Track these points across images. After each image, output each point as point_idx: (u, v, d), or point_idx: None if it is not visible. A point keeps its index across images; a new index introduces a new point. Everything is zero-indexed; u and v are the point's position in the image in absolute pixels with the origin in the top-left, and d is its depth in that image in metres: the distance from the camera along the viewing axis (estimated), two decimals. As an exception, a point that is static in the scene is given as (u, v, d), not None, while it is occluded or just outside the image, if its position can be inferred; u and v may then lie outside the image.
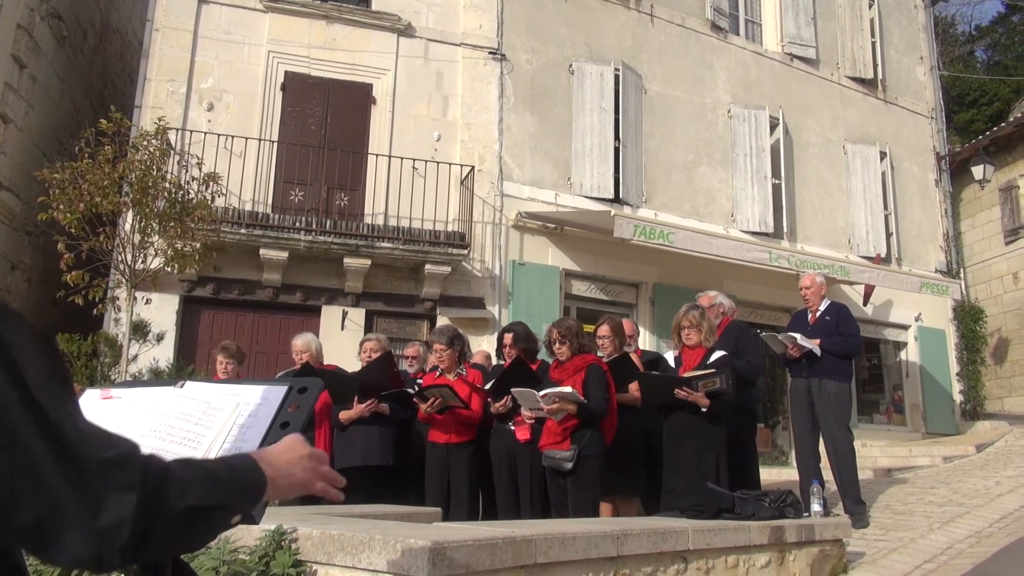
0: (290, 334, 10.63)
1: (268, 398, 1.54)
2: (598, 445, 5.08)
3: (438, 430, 5.77)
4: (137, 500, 0.91)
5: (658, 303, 12.25)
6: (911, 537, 6.08)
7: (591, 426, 5.06)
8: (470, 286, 11.31)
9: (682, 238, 10.65)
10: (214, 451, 1.45)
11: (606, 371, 5.25)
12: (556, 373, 5.30)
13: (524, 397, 5.16)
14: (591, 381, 5.11)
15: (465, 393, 5.75)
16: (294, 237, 9.99)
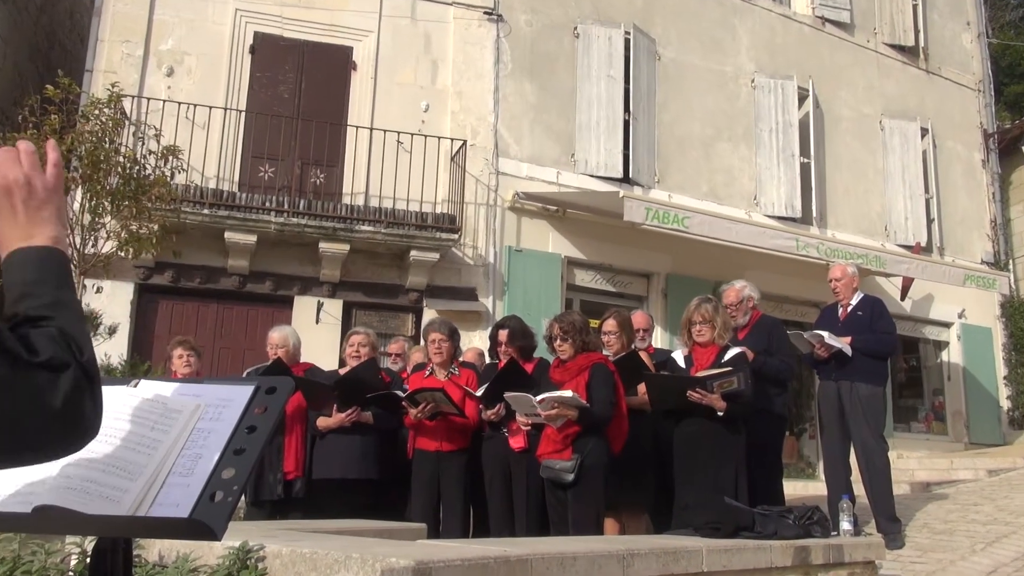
0: (258, 327, 10.72)
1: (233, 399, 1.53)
2: (603, 454, 5.09)
3: (427, 436, 5.78)
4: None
5: (671, 295, 12.26)
6: (951, 559, 6.11)
7: (595, 433, 5.07)
8: (461, 275, 11.31)
9: (699, 223, 10.65)
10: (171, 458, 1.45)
11: (613, 371, 5.25)
12: (557, 374, 5.31)
13: (519, 403, 5.17)
14: (596, 383, 5.12)
15: (458, 397, 5.76)
16: (263, 219, 9.98)
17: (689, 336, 5.68)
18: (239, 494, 1.41)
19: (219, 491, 1.40)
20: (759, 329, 6.41)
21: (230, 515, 1.38)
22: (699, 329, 5.59)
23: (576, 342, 5.24)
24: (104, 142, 7.85)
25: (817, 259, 11.55)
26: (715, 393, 5.25)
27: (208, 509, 1.38)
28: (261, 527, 4.15)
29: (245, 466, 1.43)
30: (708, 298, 5.78)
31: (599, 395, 5.08)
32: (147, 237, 8.05)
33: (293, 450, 5.88)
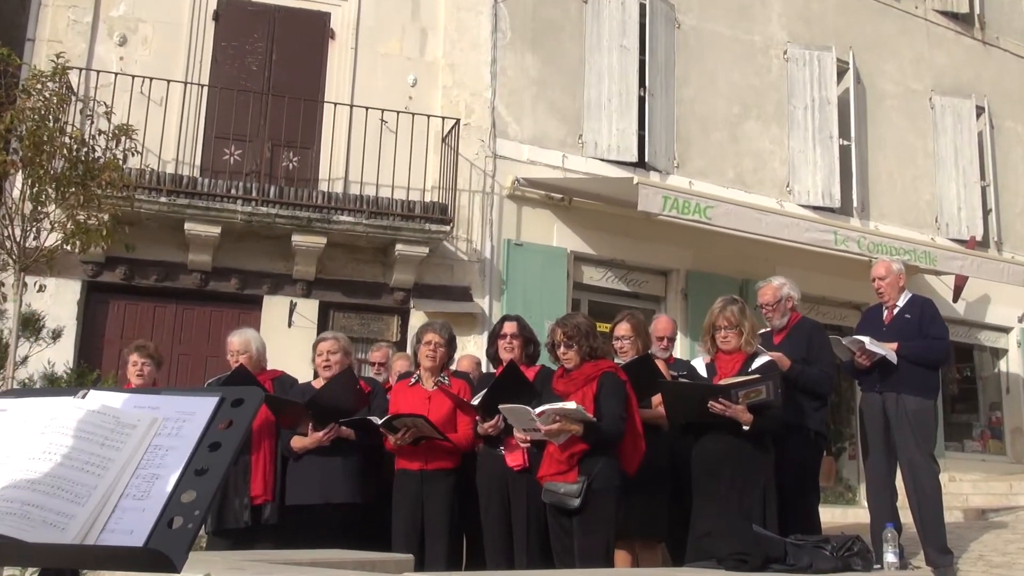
0: (222, 331, 10.59)
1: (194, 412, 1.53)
2: (613, 476, 5.08)
3: (409, 455, 5.78)
4: None
5: (692, 296, 12.28)
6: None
7: (604, 452, 5.07)
8: (453, 272, 11.31)
9: (724, 213, 10.66)
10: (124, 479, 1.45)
11: (625, 382, 5.25)
12: (561, 384, 5.30)
13: (515, 415, 5.16)
14: (605, 394, 5.11)
15: (447, 408, 5.76)
16: (228, 208, 9.98)
17: (712, 343, 5.68)
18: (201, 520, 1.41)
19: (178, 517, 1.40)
20: (798, 333, 6.40)
21: (191, 544, 1.37)
22: (724, 335, 5.58)
23: (583, 348, 5.22)
24: (48, 120, 7.83)
25: (858, 255, 11.56)
26: (740, 404, 5.24)
27: (166, 537, 1.38)
28: (227, 558, 4.16)
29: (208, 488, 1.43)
30: (734, 299, 5.77)
31: (609, 408, 5.07)
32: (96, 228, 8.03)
33: (261, 470, 5.87)
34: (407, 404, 5.80)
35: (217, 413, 1.51)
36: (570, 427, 4.96)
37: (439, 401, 5.79)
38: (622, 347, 6.08)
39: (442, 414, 5.76)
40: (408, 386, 5.99)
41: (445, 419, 5.77)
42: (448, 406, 5.79)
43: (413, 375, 6.06)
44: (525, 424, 5.15)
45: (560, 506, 5.08)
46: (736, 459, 5.37)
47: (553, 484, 5.10)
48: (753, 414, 5.27)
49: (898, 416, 6.69)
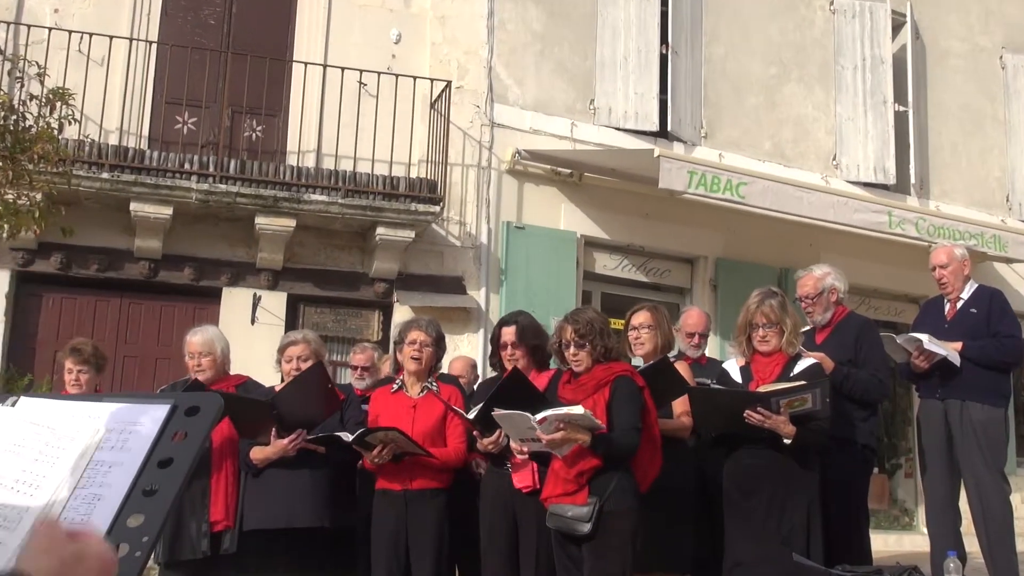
0: (175, 328, 10.62)
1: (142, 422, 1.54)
2: (629, 496, 5.07)
3: (391, 473, 5.78)
4: None
5: (723, 288, 12.29)
6: (1091, 635, 6.11)
7: (618, 468, 5.07)
8: (443, 260, 11.32)
9: (760, 191, 10.65)
10: (61, 500, 1.45)
11: (642, 388, 5.25)
12: (568, 391, 5.29)
13: (511, 423, 5.15)
14: (618, 401, 5.10)
15: (436, 416, 5.76)
16: (181, 185, 9.98)
17: (748, 343, 5.67)
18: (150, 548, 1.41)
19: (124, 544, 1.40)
20: (844, 330, 6.39)
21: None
22: (762, 335, 5.58)
23: (595, 348, 5.21)
24: (-30, 83, 7.83)
25: (916, 239, 11.56)
26: (781, 414, 5.25)
27: (110, 567, 1.38)
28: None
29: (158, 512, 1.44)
30: (773, 291, 5.76)
31: (622, 417, 5.05)
32: (28, 210, 8.03)
33: (222, 493, 5.86)
34: (389, 414, 5.80)
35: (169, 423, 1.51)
36: (576, 436, 4.94)
37: (426, 410, 5.80)
38: (639, 338, 6.08)
39: (429, 425, 5.77)
40: (390, 393, 5.99)
41: (433, 431, 5.77)
42: (437, 416, 5.80)
43: (395, 380, 6.06)
44: (523, 433, 5.13)
45: (567, 532, 5.07)
46: (776, 477, 5.37)
47: (559, 506, 5.08)
48: (795, 426, 5.26)
49: (962, 427, 6.69)
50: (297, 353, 6.05)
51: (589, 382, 5.22)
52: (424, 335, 5.93)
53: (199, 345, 6.20)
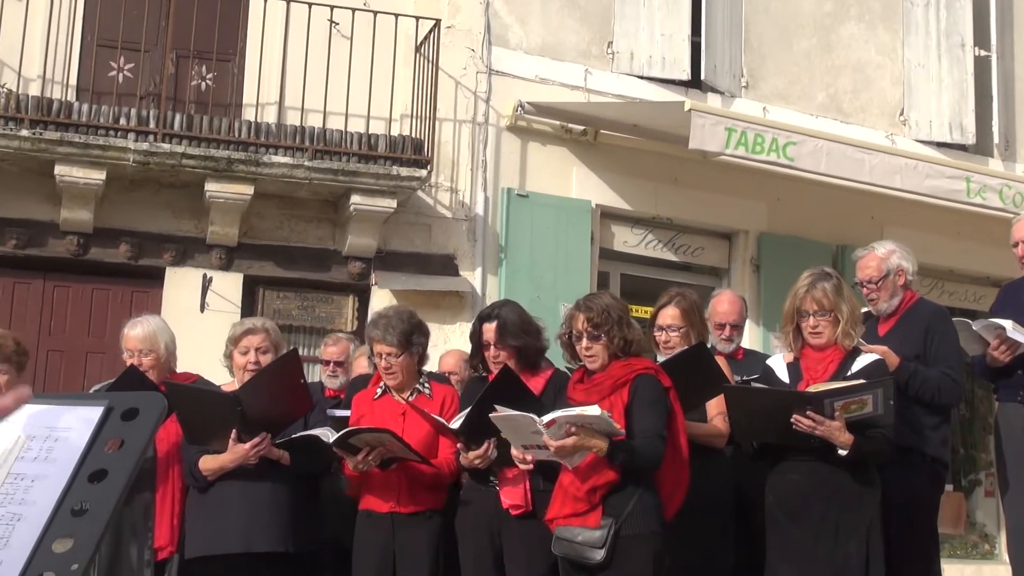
0: (109, 316, 10.58)
1: (71, 428, 1.54)
2: (651, 517, 5.08)
3: (377, 489, 5.80)
4: None
5: (767, 268, 12.30)
6: None
7: (639, 483, 5.08)
8: (431, 235, 11.32)
9: (811, 152, 10.61)
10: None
11: (668, 389, 5.25)
12: (580, 392, 5.28)
13: (512, 426, 5.13)
14: (640, 404, 5.10)
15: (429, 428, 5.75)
16: (116, 144, 9.95)
17: (797, 334, 5.66)
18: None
19: (49, 573, 1.41)
20: (913, 320, 6.35)
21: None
22: (813, 324, 5.56)
23: (613, 341, 5.21)
24: None
25: (999, 210, 11.53)
26: (835, 419, 5.24)
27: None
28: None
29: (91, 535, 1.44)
30: (826, 273, 5.74)
31: (645, 422, 5.06)
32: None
33: (168, 512, 5.87)
34: (376, 424, 5.78)
35: (102, 429, 1.51)
36: (590, 442, 4.93)
37: (418, 418, 5.78)
38: (668, 341, 6.05)
39: (424, 434, 5.76)
40: (373, 399, 6.00)
41: (428, 441, 5.78)
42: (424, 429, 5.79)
43: (379, 384, 6.05)
44: (526, 439, 5.13)
45: (577, 560, 5.09)
46: (829, 495, 5.36)
47: (567, 529, 5.10)
48: (853, 433, 5.26)
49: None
50: (256, 344, 6.01)
51: (605, 381, 5.22)
52: (385, 346, 5.84)
53: (139, 341, 6.17)
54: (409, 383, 5.94)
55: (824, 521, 5.36)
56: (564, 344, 5.45)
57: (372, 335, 5.96)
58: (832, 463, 5.35)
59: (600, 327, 5.22)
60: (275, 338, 6.14)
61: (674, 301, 6.15)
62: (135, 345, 6.16)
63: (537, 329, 5.93)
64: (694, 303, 6.19)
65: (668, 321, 6.10)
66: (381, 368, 5.90)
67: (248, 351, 6.00)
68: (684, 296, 6.22)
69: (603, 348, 5.23)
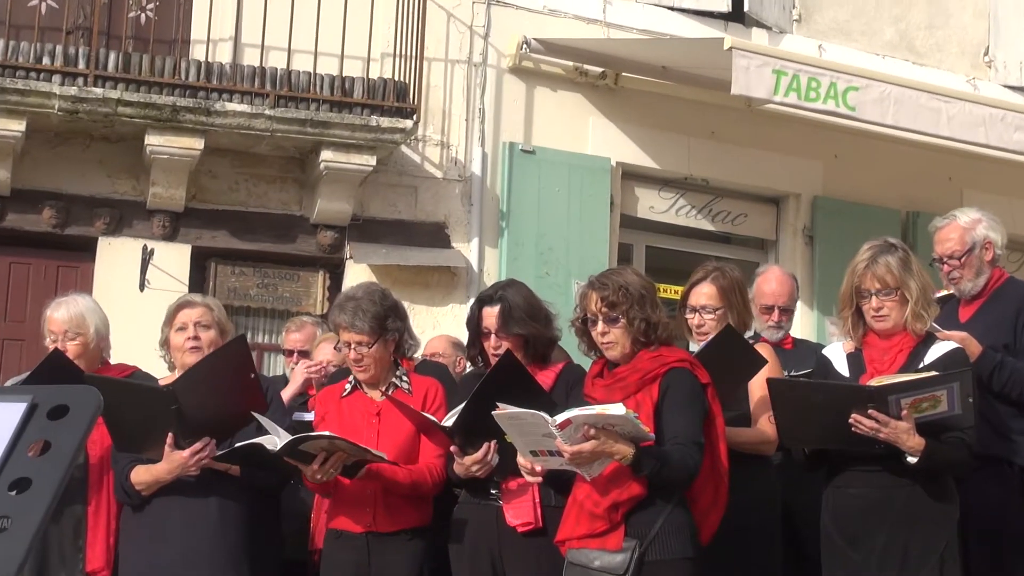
0: (29, 295, 10.53)
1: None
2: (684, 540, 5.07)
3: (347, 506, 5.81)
4: None
5: (821, 239, 12.32)
6: None
7: (669, 499, 5.09)
8: (417, 199, 11.33)
9: (876, 100, 10.59)
10: None
11: (706, 386, 5.24)
12: (599, 389, 5.27)
13: (519, 427, 5.10)
14: (672, 403, 5.09)
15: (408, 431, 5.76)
16: (38, 89, 9.94)
17: (858, 318, 5.65)
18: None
19: (-38, 601, 1.42)
20: (1001, 303, 6.34)
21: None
22: (876, 305, 5.55)
23: (632, 324, 5.21)
24: None
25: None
26: (903, 419, 5.23)
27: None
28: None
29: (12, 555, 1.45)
30: (891, 244, 5.72)
31: (678, 425, 5.04)
32: None
33: (103, 530, 5.89)
34: (345, 427, 5.74)
35: (24, 430, 1.51)
36: (613, 448, 4.90)
37: (396, 418, 5.77)
38: (702, 326, 6.01)
39: (402, 439, 5.75)
40: (340, 397, 6.00)
41: (407, 447, 5.77)
42: (411, 424, 5.77)
43: (348, 380, 6.04)
44: (535, 443, 5.10)
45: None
46: (895, 514, 5.34)
47: (583, 553, 5.10)
48: (925, 437, 5.25)
49: None
50: (195, 318, 5.94)
51: (630, 376, 5.20)
52: (354, 334, 5.79)
53: (63, 322, 6.17)
54: (384, 377, 5.92)
55: (890, 546, 5.33)
56: (578, 330, 5.39)
57: (338, 321, 5.86)
58: (899, 474, 5.31)
59: (617, 307, 5.18)
60: (219, 316, 6.07)
61: (710, 277, 6.05)
62: (59, 328, 6.15)
63: (547, 315, 5.93)
64: (734, 280, 6.08)
65: (702, 301, 6.01)
66: (350, 360, 5.85)
67: (185, 326, 5.94)
68: (722, 272, 6.11)
69: (622, 333, 5.19)
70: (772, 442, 5.80)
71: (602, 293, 5.21)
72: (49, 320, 6.22)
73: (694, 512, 5.15)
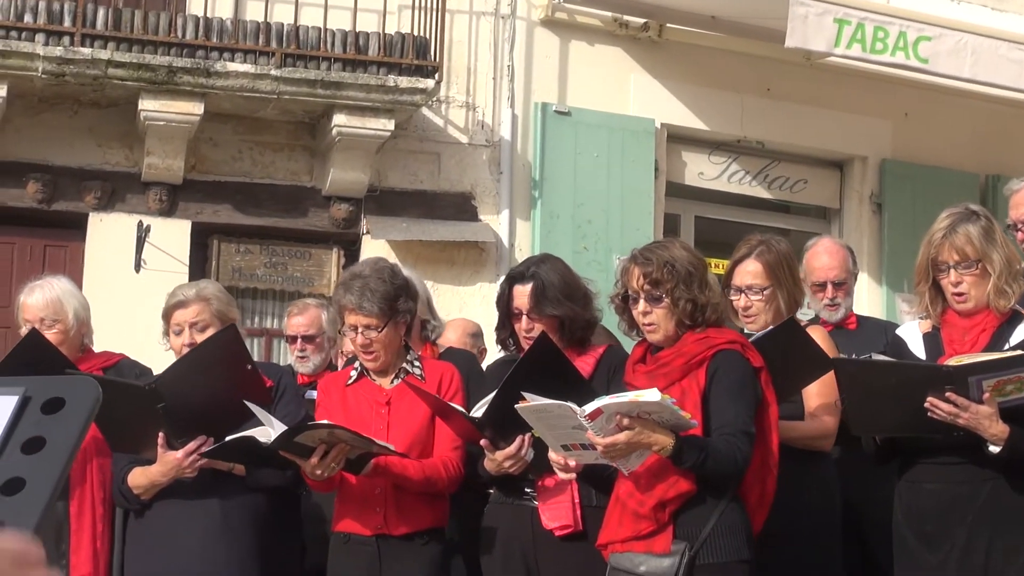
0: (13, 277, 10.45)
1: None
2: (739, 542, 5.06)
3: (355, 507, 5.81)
4: None
5: (892, 207, 12.28)
6: None
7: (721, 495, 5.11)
8: (441, 167, 11.33)
9: (952, 51, 10.54)
10: None
11: (759, 369, 5.24)
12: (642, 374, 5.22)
13: (548, 419, 5.09)
14: (720, 389, 5.08)
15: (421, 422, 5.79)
16: (20, 50, 9.97)
17: (935, 294, 5.63)
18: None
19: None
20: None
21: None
22: (955, 280, 5.52)
23: (677, 305, 5.20)
24: None
25: None
26: (984, 403, 5.21)
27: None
28: None
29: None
30: (972, 211, 5.69)
31: (726, 414, 5.02)
32: None
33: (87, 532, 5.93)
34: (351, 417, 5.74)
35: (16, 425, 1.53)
36: (650, 438, 4.89)
37: (408, 407, 5.78)
38: (748, 308, 5.96)
39: (414, 430, 5.72)
40: (345, 384, 6.01)
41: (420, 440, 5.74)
42: (425, 414, 5.78)
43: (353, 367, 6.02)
44: (565, 437, 5.10)
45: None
46: (979, 510, 5.31)
47: (627, 557, 5.08)
48: (1009, 424, 5.21)
49: None
50: (189, 318, 5.94)
51: (674, 360, 5.17)
52: (361, 316, 5.74)
53: (38, 309, 6.19)
54: (394, 363, 5.90)
55: (971, 546, 5.28)
56: (618, 308, 5.37)
57: (344, 302, 5.79)
58: (981, 466, 5.26)
59: (661, 285, 5.14)
60: (218, 308, 6.04)
61: (755, 253, 5.97)
62: (34, 315, 6.17)
63: (585, 293, 5.86)
64: (782, 255, 6.02)
65: (748, 280, 5.96)
66: (357, 345, 5.78)
67: (182, 330, 5.96)
68: (768, 245, 6.02)
69: (665, 314, 5.16)
70: (830, 436, 5.78)
71: (645, 269, 5.17)
72: (23, 307, 6.26)
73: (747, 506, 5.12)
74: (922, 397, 5.16)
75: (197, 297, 6.03)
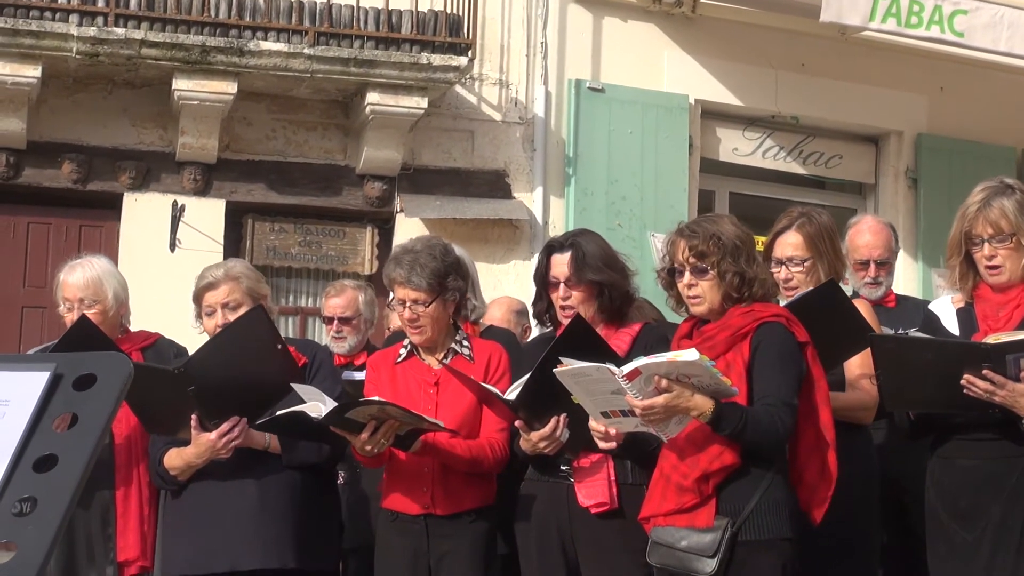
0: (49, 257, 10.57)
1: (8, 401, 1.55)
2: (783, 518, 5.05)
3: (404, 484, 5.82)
4: None
5: (927, 182, 12.26)
6: None
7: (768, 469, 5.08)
8: (474, 144, 11.33)
9: (988, 25, 10.48)
10: None
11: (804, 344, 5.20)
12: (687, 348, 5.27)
13: (585, 385, 5.05)
14: (763, 360, 5.08)
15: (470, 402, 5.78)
16: (54, 31, 9.99)
17: (969, 268, 5.60)
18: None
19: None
20: None
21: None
22: (989, 253, 5.49)
23: (724, 278, 5.18)
24: None
25: None
26: (1022, 381, 5.17)
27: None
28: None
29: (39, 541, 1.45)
30: (1007, 185, 5.66)
31: (769, 384, 5.01)
32: None
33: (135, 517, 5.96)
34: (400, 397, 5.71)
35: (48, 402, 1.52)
36: (689, 401, 4.83)
37: (457, 388, 5.77)
38: (789, 280, 5.96)
39: (464, 410, 5.75)
40: (395, 363, 6.00)
41: (469, 420, 5.76)
42: (472, 395, 5.73)
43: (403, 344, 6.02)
44: (604, 403, 5.06)
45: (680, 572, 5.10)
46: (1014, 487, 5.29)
47: (669, 531, 5.08)
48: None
49: None
50: (221, 299, 5.93)
51: (719, 334, 5.19)
52: (411, 290, 5.74)
53: (79, 288, 6.17)
54: (443, 342, 5.90)
55: (1005, 526, 5.28)
56: (664, 282, 5.37)
57: (393, 275, 5.78)
58: (1017, 442, 5.25)
59: (706, 258, 5.15)
60: (249, 286, 6.03)
61: (795, 225, 6.01)
62: (74, 295, 6.15)
63: (623, 267, 5.84)
64: (823, 227, 6.04)
65: (788, 252, 5.99)
66: (405, 320, 5.78)
67: (214, 311, 5.95)
68: (809, 217, 6.07)
69: (710, 287, 5.17)
70: (871, 408, 5.78)
71: (691, 241, 5.19)
72: (63, 285, 6.23)
73: (800, 490, 5.13)
74: (958, 374, 5.15)
75: (226, 277, 6.01)
